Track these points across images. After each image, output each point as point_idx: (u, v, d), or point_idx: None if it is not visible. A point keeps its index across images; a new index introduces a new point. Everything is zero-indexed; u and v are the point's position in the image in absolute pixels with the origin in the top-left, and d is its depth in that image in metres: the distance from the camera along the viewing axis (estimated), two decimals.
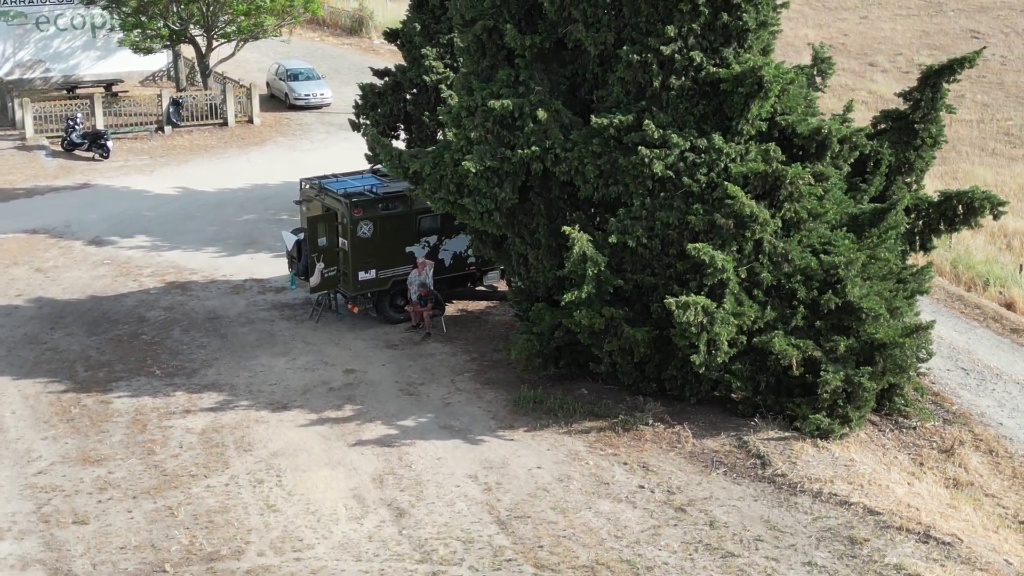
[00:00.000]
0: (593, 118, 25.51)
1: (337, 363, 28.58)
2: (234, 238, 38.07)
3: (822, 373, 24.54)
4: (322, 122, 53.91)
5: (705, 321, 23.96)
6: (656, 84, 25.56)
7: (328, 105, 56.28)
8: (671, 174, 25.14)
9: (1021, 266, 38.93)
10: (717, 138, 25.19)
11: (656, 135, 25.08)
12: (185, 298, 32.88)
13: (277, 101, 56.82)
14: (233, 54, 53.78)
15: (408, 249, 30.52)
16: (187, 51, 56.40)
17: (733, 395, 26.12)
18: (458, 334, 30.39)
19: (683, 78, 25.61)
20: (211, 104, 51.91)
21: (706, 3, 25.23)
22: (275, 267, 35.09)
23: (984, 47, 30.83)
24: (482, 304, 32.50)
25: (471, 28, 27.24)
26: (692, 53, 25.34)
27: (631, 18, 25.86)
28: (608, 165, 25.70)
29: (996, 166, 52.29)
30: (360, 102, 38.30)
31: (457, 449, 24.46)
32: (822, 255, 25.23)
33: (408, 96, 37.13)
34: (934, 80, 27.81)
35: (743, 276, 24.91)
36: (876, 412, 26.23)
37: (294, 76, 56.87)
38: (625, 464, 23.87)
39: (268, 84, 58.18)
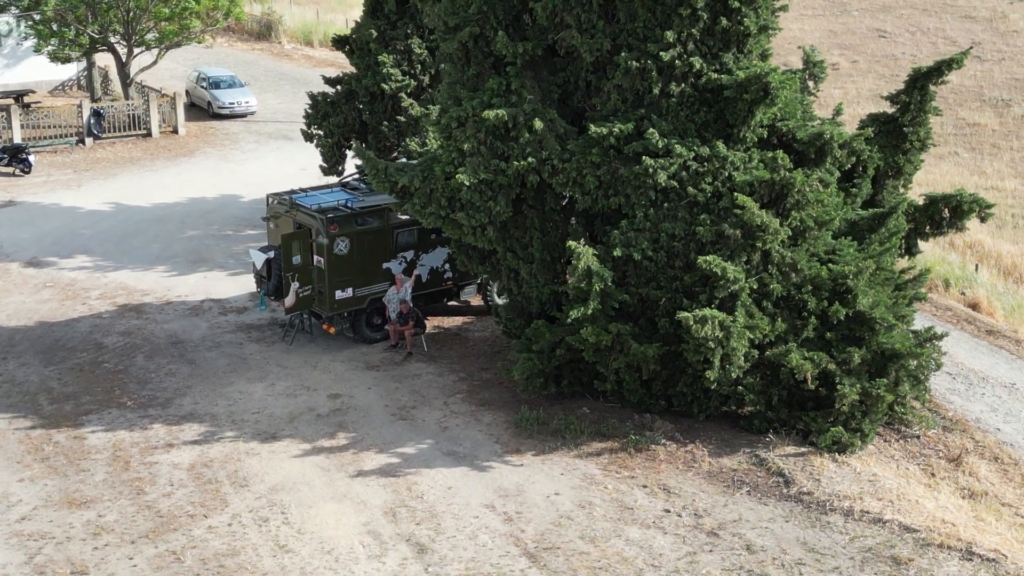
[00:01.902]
0: (592, 127, 24.56)
1: (319, 388, 27.23)
2: (181, 256, 36.36)
3: (838, 386, 23.91)
4: (249, 131, 52.19)
5: (722, 336, 23.16)
6: (656, 91, 24.71)
7: (253, 113, 54.57)
8: (675, 184, 24.31)
9: (977, 266, 38.99)
10: (720, 146, 24.42)
11: (660, 144, 24.22)
12: (142, 322, 31.18)
13: (198, 110, 54.94)
14: (155, 62, 51.81)
15: (385, 265, 29.26)
16: (101, 60, 54.23)
17: (740, 410, 25.37)
18: (440, 352, 29.22)
19: (683, 85, 24.81)
20: (132, 114, 49.84)
21: (705, 7, 24.44)
22: (232, 286, 33.58)
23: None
24: (458, 320, 31.36)
25: (456, 35, 26.07)
26: (692, 59, 24.54)
27: (627, 23, 24.97)
28: (608, 175, 24.79)
29: (924, 166, 52.59)
30: (310, 111, 36.87)
31: (466, 477, 23.33)
32: (830, 264, 24.59)
33: (361, 105, 35.79)
34: (922, 82, 27.42)
35: (754, 288, 24.17)
36: None
37: (216, 84, 55.03)
38: (645, 487, 22.96)
39: (187, 92, 56.17)
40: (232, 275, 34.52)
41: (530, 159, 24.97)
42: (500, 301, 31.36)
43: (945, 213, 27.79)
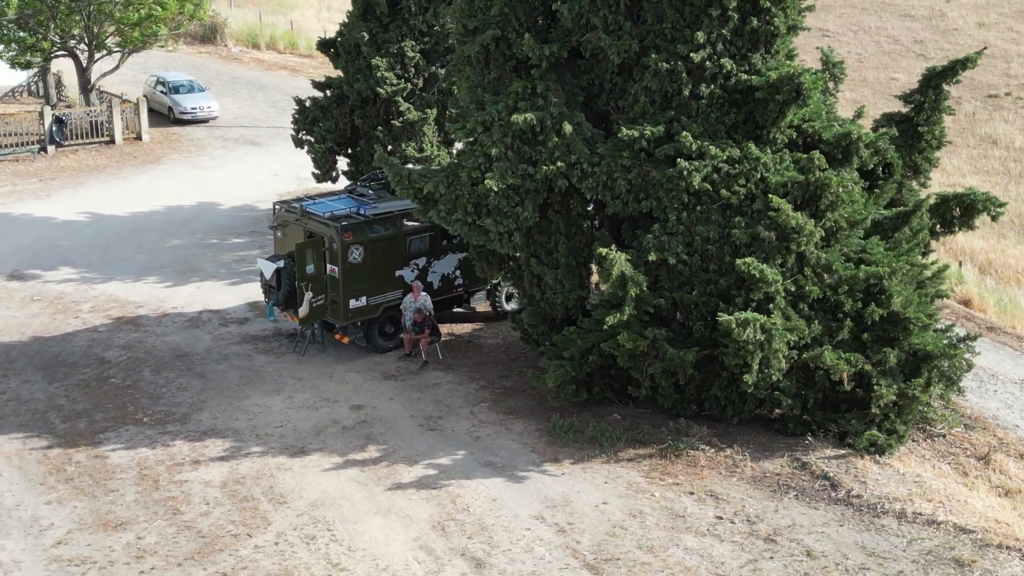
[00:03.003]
0: (624, 129, 24.24)
1: (339, 399, 26.63)
2: (169, 266, 35.49)
3: (875, 387, 23.82)
4: (214, 137, 51.24)
5: (763, 339, 22.95)
6: (685, 93, 24.48)
7: (215, 118, 53.56)
8: (708, 186, 24.07)
9: (960, 262, 39.26)
10: (752, 148, 24.23)
11: (693, 146, 23.97)
12: (141, 335, 30.32)
13: (158, 116, 53.73)
14: (117, 67, 50.60)
15: (398, 273, 28.71)
16: (53, 65, 52.88)
17: (772, 414, 25.22)
18: (456, 361, 28.74)
19: (712, 86, 24.61)
20: (94, 121, 48.63)
21: (736, 8, 24.26)
22: (229, 297, 32.83)
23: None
24: (467, 327, 30.87)
25: (477, 37, 25.61)
26: (723, 60, 24.34)
27: (654, 24, 24.71)
28: (639, 179, 24.49)
29: None
30: (299, 117, 36.16)
31: (509, 488, 22.89)
32: (864, 265, 24.50)
33: (352, 109, 35.16)
34: (936, 82, 27.46)
35: (790, 290, 24.00)
36: None
37: (175, 89, 53.94)
38: (692, 494, 22.69)
39: (145, 98, 54.83)
40: (227, 285, 33.75)
41: (559, 163, 24.61)
42: (508, 307, 31.02)
43: (956, 212, 27.84)
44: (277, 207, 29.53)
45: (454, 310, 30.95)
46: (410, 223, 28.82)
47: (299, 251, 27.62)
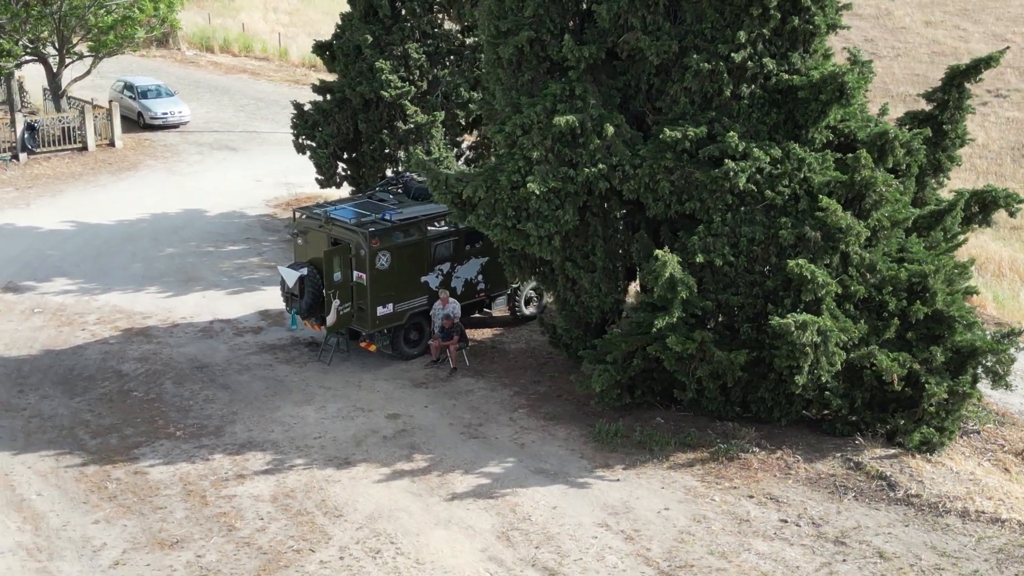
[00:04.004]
0: (667, 130, 24.02)
1: (373, 408, 26.16)
2: (168, 275, 34.72)
3: (926, 385, 23.83)
4: (187, 142, 50.31)
5: (819, 340, 22.87)
6: (727, 93, 24.32)
7: (187, 123, 52.61)
8: (752, 187, 23.94)
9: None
10: (795, 147, 24.14)
11: (739, 147, 23.82)
12: (155, 346, 29.59)
13: (127, 121, 52.51)
14: (88, 72, 49.48)
15: (423, 279, 28.28)
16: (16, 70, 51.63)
17: (817, 414, 25.16)
18: (483, 367, 28.36)
19: (752, 86, 24.49)
20: (65, 128, 47.50)
21: (776, 7, 24.15)
22: (236, 305, 32.20)
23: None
24: (488, 332, 30.51)
25: (510, 39, 25.26)
26: (764, 60, 24.23)
27: (693, 25, 24.55)
28: (682, 180, 24.31)
29: None
30: (298, 122, 35.55)
31: (567, 495, 22.59)
32: (907, 263, 24.52)
33: (355, 113, 34.63)
34: (959, 80, 27.51)
35: (837, 291, 23.94)
36: None
37: (143, 94, 52.87)
38: (751, 497, 22.54)
39: (112, 103, 53.70)
40: (232, 294, 33.09)
41: (600, 166, 24.36)
42: (527, 311, 30.73)
43: (974, 208, 27.96)
44: (298, 214, 28.94)
45: (473, 315, 30.54)
46: (434, 228, 28.41)
47: (326, 258, 27.09)
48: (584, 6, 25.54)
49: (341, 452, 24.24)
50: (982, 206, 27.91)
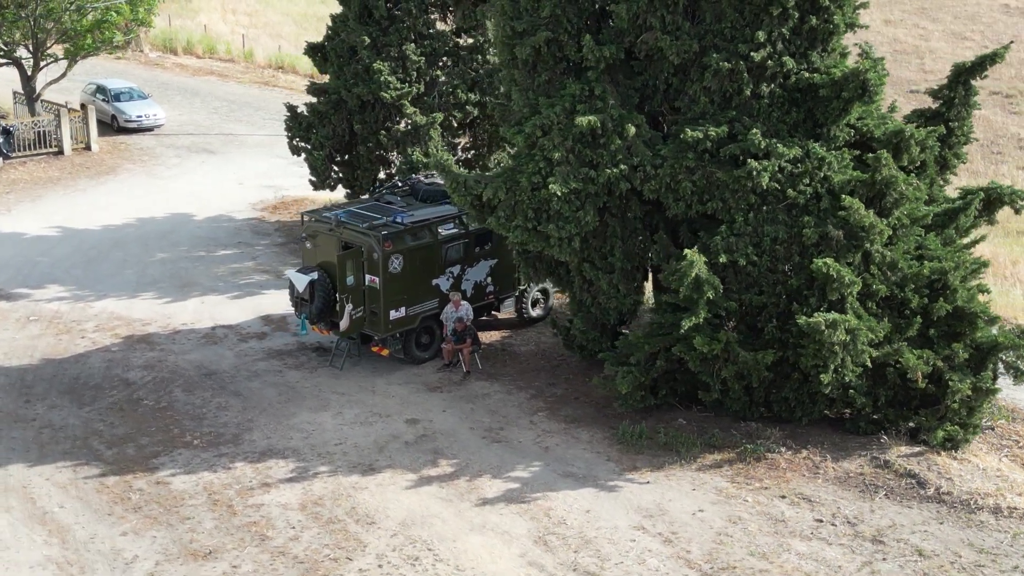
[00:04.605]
0: (688, 130, 23.94)
1: (391, 413, 25.87)
2: (163, 281, 34.21)
3: (950, 382, 23.89)
4: (164, 145, 49.65)
5: (847, 339, 22.87)
6: (747, 92, 24.27)
7: (161, 126, 51.93)
8: (775, 186, 23.91)
9: None
10: (816, 146, 24.14)
11: (762, 145, 23.78)
12: (159, 354, 29.11)
13: (101, 125, 51.65)
14: (64, 75, 48.71)
15: (434, 282, 28.03)
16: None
17: (839, 413, 25.18)
18: (496, 370, 28.15)
19: (772, 85, 24.45)
20: (40, 131, 46.72)
21: (795, 6, 24.14)
22: (236, 311, 31.79)
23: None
24: (496, 334, 30.29)
25: (527, 40, 25.07)
26: (784, 59, 24.20)
27: (712, 24, 24.48)
28: (704, 180, 24.23)
29: None
30: (292, 124, 35.15)
31: (598, 498, 22.44)
32: (927, 261, 24.59)
33: (351, 115, 34.30)
34: (965, 77, 27.61)
35: (861, 289, 23.96)
36: None
37: (117, 96, 52.10)
38: (783, 497, 22.50)
39: (84, 106, 52.88)
40: (230, 299, 32.66)
41: (621, 166, 24.23)
42: (534, 313, 30.57)
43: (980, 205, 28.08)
44: (306, 217, 28.59)
45: (481, 317, 30.33)
46: (444, 231, 28.17)
47: (339, 262, 26.76)
48: (598, 6, 25.38)
49: (364, 458, 23.94)
50: (987, 203, 28.03)
